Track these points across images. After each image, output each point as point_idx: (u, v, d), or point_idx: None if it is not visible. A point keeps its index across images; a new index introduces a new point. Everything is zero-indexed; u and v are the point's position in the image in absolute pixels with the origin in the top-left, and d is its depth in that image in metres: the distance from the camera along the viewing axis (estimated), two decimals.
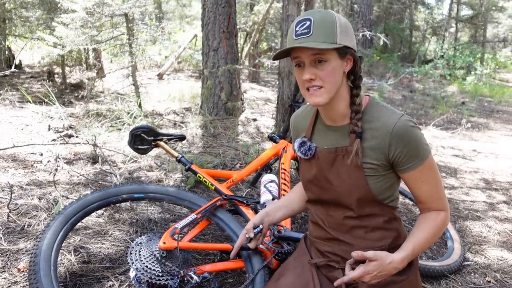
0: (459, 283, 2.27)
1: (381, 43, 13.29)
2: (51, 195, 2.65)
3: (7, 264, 1.95)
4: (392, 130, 1.28)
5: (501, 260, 2.56)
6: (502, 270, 2.42)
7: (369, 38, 12.21)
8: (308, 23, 1.24)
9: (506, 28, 23.85)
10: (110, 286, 1.90)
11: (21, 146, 3.34)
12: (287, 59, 4.01)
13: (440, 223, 1.36)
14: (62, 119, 4.21)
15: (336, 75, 1.28)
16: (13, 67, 5.79)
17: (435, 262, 2.32)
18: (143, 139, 2.51)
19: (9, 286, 1.81)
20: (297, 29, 1.25)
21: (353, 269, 1.30)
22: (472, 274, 2.38)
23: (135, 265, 1.75)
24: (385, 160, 1.31)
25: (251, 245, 1.60)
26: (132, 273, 1.78)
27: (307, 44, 1.22)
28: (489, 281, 2.30)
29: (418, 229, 1.36)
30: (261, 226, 1.60)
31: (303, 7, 4.60)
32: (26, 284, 1.81)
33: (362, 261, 1.38)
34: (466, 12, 20.89)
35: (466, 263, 2.48)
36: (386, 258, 1.26)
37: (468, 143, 5.95)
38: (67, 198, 2.65)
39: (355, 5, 14.29)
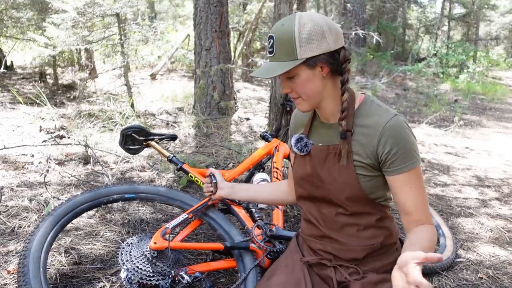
0: (451, 280, 2.27)
1: (374, 41, 13.32)
2: (42, 196, 2.63)
3: None
4: (383, 128, 1.26)
5: (493, 256, 2.57)
6: (494, 267, 2.43)
7: (362, 37, 12.22)
8: (271, 41, 1.28)
9: (498, 26, 24.02)
10: (101, 287, 1.89)
11: (11, 148, 3.31)
12: None
13: (433, 238, 1.28)
14: (53, 120, 4.19)
15: (310, 85, 1.29)
16: (2, 67, 5.75)
17: None
18: (134, 139, 2.49)
19: None
20: (268, 45, 1.30)
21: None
22: (464, 271, 2.38)
23: (126, 266, 1.73)
24: (374, 159, 1.29)
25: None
26: (123, 274, 1.77)
27: (265, 74, 1.29)
28: (481, 278, 2.31)
29: (419, 241, 1.24)
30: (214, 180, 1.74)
31: (295, 6, 4.60)
32: (16, 286, 1.80)
33: (356, 259, 1.39)
34: (458, 10, 21.00)
35: (458, 259, 2.49)
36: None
37: (461, 141, 5.98)
38: (58, 199, 2.63)
39: (348, 4, 14.30)
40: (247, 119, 5.16)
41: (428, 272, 2.27)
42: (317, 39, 1.23)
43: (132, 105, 4.85)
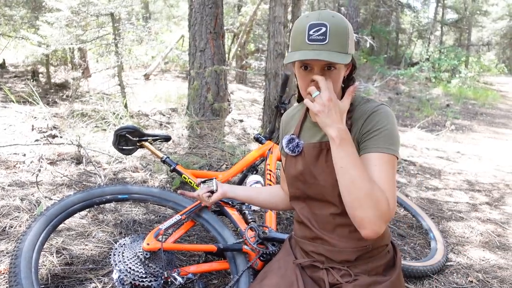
0: (442, 283, 2.29)
1: (368, 45, 13.40)
2: (33, 196, 2.61)
3: None
4: (369, 111, 1.32)
5: (483, 260, 2.59)
6: (484, 270, 2.45)
7: (356, 40, 12.30)
8: (324, 29, 1.21)
9: (490, 32, 24.29)
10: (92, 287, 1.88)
11: (3, 147, 3.28)
12: (273, 60, 4.02)
13: (378, 189, 1.19)
14: (46, 119, 4.16)
15: (340, 82, 1.31)
16: None
17: (418, 263, 2.34)
18: (127, 139, 2.49)
19: None
20: (311, 33, 1.22)
21: None
22: (454, 274, 2.40)
23: (118, 267, 1.73)
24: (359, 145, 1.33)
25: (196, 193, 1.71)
26: (115, 275, 1.76)
27: (326, 57, 1.20)
28: (471, 281, 2.33)
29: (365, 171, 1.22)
30: (214, 181, 1.68)
31: (290, 9, 4.62)
32: (7, 287, 1.78)
33: (348, 261, 1.39)
34: (451, 16, 21.22)
35: (449, 263, 2.51)
36: (338, 106, 1.22)
37: (452, 145, 6.04)
38: (50, 199, 2.61)
39: (342, 8, 14.39)
40: (241, 121, 5.16)
41: (419, 275, 2.28)
42: (354, 39, 1.29)
43: (125, 105, 4.84)
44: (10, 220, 2.32)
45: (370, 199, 1.18)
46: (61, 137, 3.76)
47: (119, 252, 1.79)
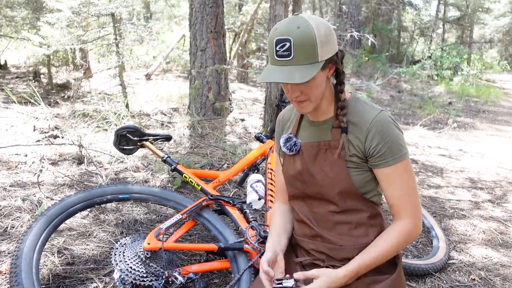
0: (444, 281, 2.28)
1: (370, 43, 13.38)
2: (35, 196, 2.62)
3: None
4: (370, 123, 1.30)
5: (485, 258, 2.58)
6: (486, 268, 2.45)
7: (358, 38, 12.27)
8: (288, 44, 1.20)
9: (492, 29, 24.17)
10: (94, 287, 1.88)
11: (5, 147, 3.29)
12: None
13: (401, 236, 1.33)
14: (47, 120, 4.16)
15: (321, 87, 1.30)
16: None
17: (420, 261, 2.33)
18: (128, 139, 2.49)
19: None
20: (277, 49, 1.22)
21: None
22: (457, 272, 2.40)
23: (119, 266, 1.73)
24: (362, 154, 1.33)
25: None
26: (116, 275, 1.76)
27: (288, 79, 1.20)
28: (474, 279, 2.33)
29: (374, 245, 1.34)
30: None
31: (290, 7, 4.61)
32: (8, 287, 1.79)
33: (348, 259, 1.38)
34: (453, 13, 21.17)
35: (451, 261, 2.50)
36: (331, 273, 1.28)
37: (455, 143, 6.02)
38: (52, 199, 2.62)
39: (344, 6, 14.36)
40: (242, 120, 5.16)
41: (421, 274, 2.28)
42: (332, 40, 1.26)
43: (126, 105, 4.84)
44: (12, 220, 2.32)
45: (397, 249, 1.35)
46: (62, 137, 3.77)
47: (120, 251, 1.79)
